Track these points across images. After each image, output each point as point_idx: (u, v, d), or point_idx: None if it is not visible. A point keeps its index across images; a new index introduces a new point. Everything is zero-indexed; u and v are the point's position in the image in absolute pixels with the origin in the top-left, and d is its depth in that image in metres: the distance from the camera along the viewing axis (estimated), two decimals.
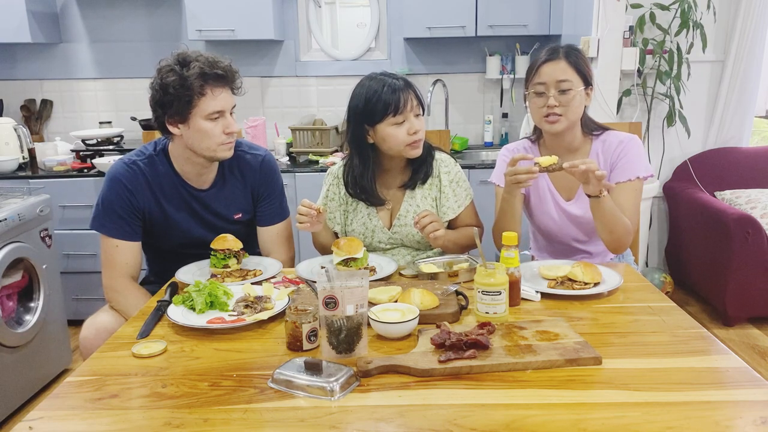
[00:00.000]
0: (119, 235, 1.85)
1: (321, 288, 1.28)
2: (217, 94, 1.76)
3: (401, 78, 1.90)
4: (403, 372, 1.22)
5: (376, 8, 3.84)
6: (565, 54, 1.81)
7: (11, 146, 3.45)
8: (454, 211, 1.99)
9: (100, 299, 3.68)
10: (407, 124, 1.86)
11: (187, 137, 1.80)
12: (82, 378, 1.26)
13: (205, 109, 1.75)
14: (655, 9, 3.52)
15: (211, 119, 1.77)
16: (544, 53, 1.84)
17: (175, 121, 1.78)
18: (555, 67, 1.80)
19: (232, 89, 1.83)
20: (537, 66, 1.83)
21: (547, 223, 1.98)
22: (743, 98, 3.69)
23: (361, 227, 2.00)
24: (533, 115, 1.89)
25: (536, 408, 1.10)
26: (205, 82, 1.73)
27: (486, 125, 3.88)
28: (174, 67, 1.74)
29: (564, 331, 1.35)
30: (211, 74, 1.74)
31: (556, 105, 1.80)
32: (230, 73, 1.79)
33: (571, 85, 1.80)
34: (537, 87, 1.83)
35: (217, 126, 1.78)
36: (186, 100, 1.73)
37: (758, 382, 1.17)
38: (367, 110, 1.87)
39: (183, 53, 1.78)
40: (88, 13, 3.79)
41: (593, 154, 1.91)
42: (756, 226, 3.16)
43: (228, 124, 1.80)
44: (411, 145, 1.88)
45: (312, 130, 3.57)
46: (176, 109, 1.75)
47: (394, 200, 2.01)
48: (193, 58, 1.75)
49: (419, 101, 1.90)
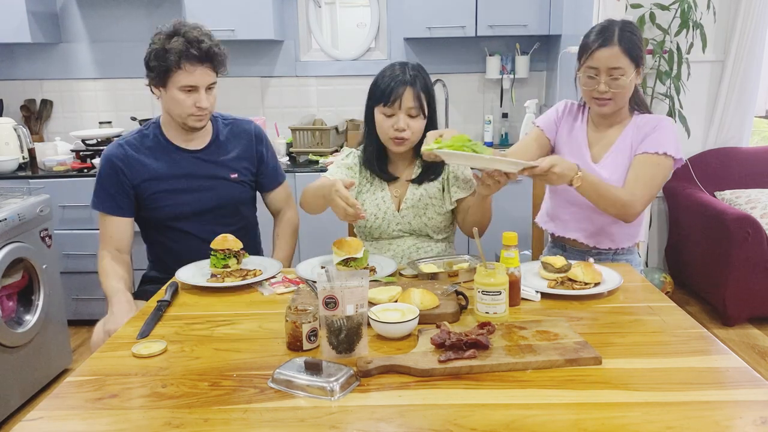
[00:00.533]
0: (109, 210, 2.00)
1: (321, 288, 1.28)
2: (192, 71, 1.88)
3: (413, 75, 1.89)
4: (403, 372, 1.22)
5: (376, 8, 3.84)
6: (619, 38, 1.79)
7: (11, 146, 3.45)
8: (465, 190, 1.99)
9: (101, 299, 3.67)
10: (394, 118, 1.88)
11: (164, 101, 1.96)
12: (82, 378, 1.26)
13: (178, 81, 1.89)
14: (655, 9, 3.52)
15: (184, 91, 1.90)
16: (597, 35, 1.83)
17: (156, 84, 1.94)
18: (608, 53, 1.79)
19: (214, 68, 1.93)
20: (591, 51, 1.82)
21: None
22: (743, 98, 3.69)
23: (374, 208, 2.01)
24: (584, 93, 1.91)
25: (536, 408, 1.10)
26: (182, 58, 1.86)
27: (486, 125, 3.88)
28: (162, 36, 1.88)
29: (564, 331, 1.35)
30: (189, 53, 1.86)
31: (607, 90, 1.82)
32: (209, 54, 1.90)
33: (623, 72, 1.80)
34: (588, 71, 1.84)
35: (189, 98, 1.91)
36: (164, 69, 1.88)
37: (758, 382, 1.17)
38: (372, 91, 1.93)
39: (178, 24, 1.90)
40: (88, 13, 3.79)
41: (630, 126, 1.93)
42: (756, 226, 3.16)
43: (199, 99, 1.91)
44: (393, 140, 1.91)
45: (312, 130, 3.57)
46: (156, 74, 1.90)
47: (402, 188, 2.02)
48: (182, 32, 1.87)
49: (420, 102, 1.88)
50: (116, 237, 1.99)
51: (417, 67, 1.92)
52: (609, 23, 1.85)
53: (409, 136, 1.90)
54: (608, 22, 1.86)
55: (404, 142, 1.91)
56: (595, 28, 1.87)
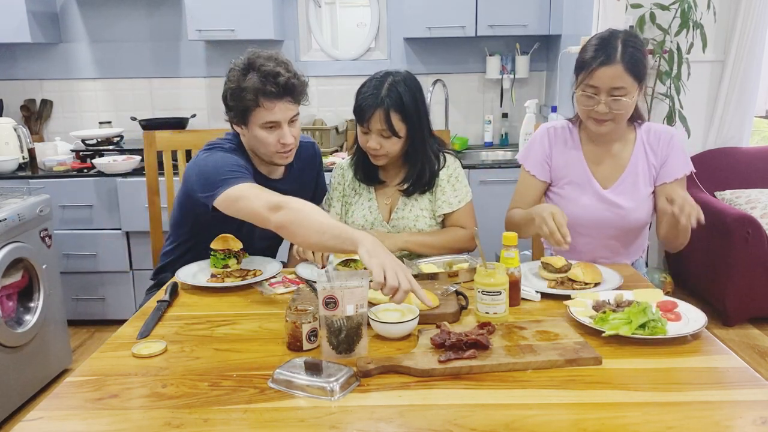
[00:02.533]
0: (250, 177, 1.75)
1: (321, 288, 1.28)
2: (272, 107, 1.76)
3: (387, 92, 1.81)
4: (403, 372, 1.22)
5: (376, 8, 3.84)
6: (622, 56, 1.65)
7: (11, 146, 3.45)
8: (452, 206, 1.96)
9: (100, 299, 3.68)
10: (370, 135, 1.87)
11: (248, 139, 1.86)
12: (82, 378, 1.26)
13: (259, 119, 1.77)
14: (655, 9, 3.52)
15: (266, 128, 1.79)
16: (598, 51, 1.68)
17: (237, 122, 1.83)
18: (611, 73, 1.66)
19: (293, 100, 1.81)
20: (591, 69, 1.68)
21: (577, 213, 1.85)
22: (743, 98, 3.68)
23: (361, 219, 2.00)
24: (580, 111, 1.79)
25: (536, 408, 1.10)
26: (259, 95, 1.74)
27: (486, 125, 3.88)
28: (237, 72, 1.76)
29: (564, 331, 1.35)
30: (266, 90, 1.74)
31: (607, 111, 1.70)
32: (288, 87, 1.77)
33: (626, 92, 1.68)
34: (588, 89, 1.71)
35: (272, 135, 1.79)
36: (242, 108, 1.77)
37: (758, 382, 1.17)
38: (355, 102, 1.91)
39: (252, 56, 1.77)
40: (88, 13, 3.79)
41: (639, 143, 1.84)
42: (756, 226, 3.16)
43: (283, 135, 1.79)
44: (371, 155, 1.91)
45: (312, 130, 3.57)
46: (236, 113, 1.80)
47: (393, 196, 2.01)
48: (257, 66, 1.74)
49: (389, 125, 1.81)
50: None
51: (396, 82, 1.83)
52: (610, 35, 1.71)
53: (384, 153, 1.88)
54: (609, 34, 1.72)
55: (380, 158, 1.91)
56: (593, 41, 1.73)
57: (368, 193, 2.02)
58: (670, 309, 1.44)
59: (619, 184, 1.86)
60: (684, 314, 1.42)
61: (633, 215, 1.86)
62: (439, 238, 1.95)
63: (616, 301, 1.47)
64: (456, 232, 1.97)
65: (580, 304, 1.47)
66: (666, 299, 1.48)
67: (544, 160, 1.92)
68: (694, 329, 1.34)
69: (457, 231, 1.97)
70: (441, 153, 2.00)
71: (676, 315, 1.42)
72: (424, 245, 1.93)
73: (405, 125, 1.85)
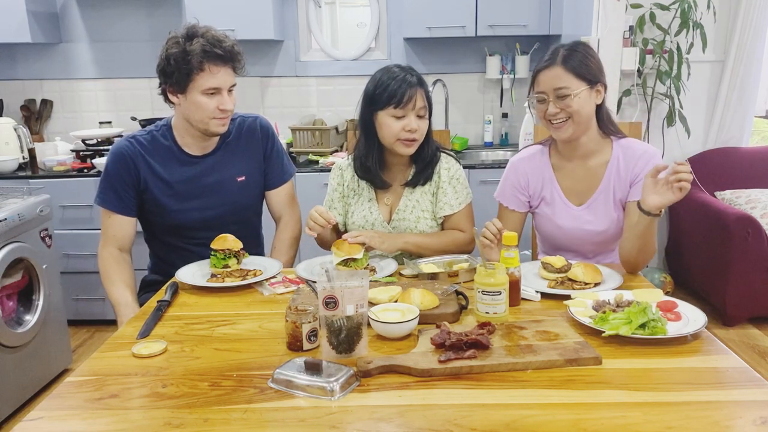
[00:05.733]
0: (113, 208, 1.95)
1: (321, 288, 1.28)
2: (216, 72, 1.83)
3: (417, 76, 1.90)
4: (403, 372, 1.22)
5: (376, 8, 3.84)
6: (562, 59, 1.74)
7: (11, 146, 3.45)
8: (453, 207, 1.97)
9: (100, 299, 3.68)
10: (406, 120, 1.86)
11: (184, 108, 1.89)
12: (82, 378, 1.26)
13: (202, 84, 1.83)
14: (655, 9, 3.52)
15: (207, 94, 1.84)
16: (542, 60, 1.79)
17: (175, 90, 1.87)
18: (551, 74, 1.75)
19: (234, 69, 1.89)
20: (535, 74, 1.80)
21: (553, 231, 1.93)
22: (743, 98, 3.69)
23: (361, 220, 2.00)
24: (539, 119, 1.84)
25: (536, 408, 1.10)
26: (205, 59, 1.80)
27: (486, 125, 3.88)
28: (179, 39, 1.82)
29: (564, 331, 1.35)
30: (212, 52, 1.81)
31: (557, 111, 1.76)
32: (232, 53, 1.85)
33: (569, 91, 1.73)
34: (538, 95, 1.79)
35: (212, 101, 1.86)
36: (185, 73, 1.81)
37: (758, 382, 1.17)
38: (375, 95, 1.89)
39: (192, 27, 1.85)
40: (88, 13, 3.79)
41: (614, 158, 1.84)
42: (756, 226, 3.16)
43: (223, 101, 1.87)
44: (403, 142, 1.89)
45: (312, 130, 3.57)
46: (176, 79, 1.83)
47: (394, 196, 2.01)
48: (200, 33, 1.83)
49: (427, 103, 1.90)
50: (119, 236, 1.95)
51: (415, 70, 1.93)
52: (557, 46, 1.80)
53: (419, 137, 1.90)
54: (557, 45, 1.81)
55: (414, 143, 1.91)
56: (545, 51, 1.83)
57: (368, 193, 2.02)
58: (670, 309, 1.44)
59: (592, 201, 1.88)
60: (684, 314, 1.42)
61: (608, 231, 1.87)
62: (438, 240, 1.96)
63: (616, 301, 1.47)
64: (455, 235, 1.98)
65: (580, 304, 1.47)
66: (666, 299, 1.48)
67: (518, 192, 1.96)
68: (694, 329, 1.34)
69: (456, 234, 1.98)
70: (438, 150, 2.02)
71: (676, 315, 1.42)
72: (423, 247, 1.93)
73: (428, 106, 1.93)
